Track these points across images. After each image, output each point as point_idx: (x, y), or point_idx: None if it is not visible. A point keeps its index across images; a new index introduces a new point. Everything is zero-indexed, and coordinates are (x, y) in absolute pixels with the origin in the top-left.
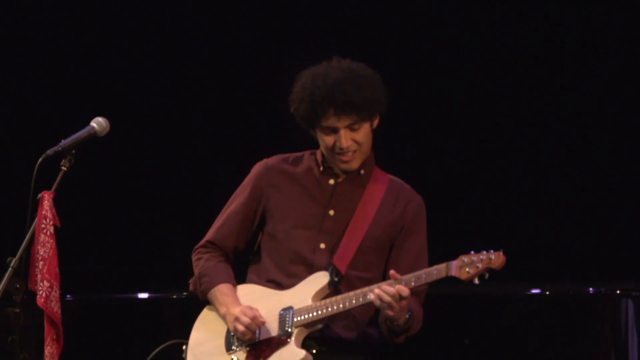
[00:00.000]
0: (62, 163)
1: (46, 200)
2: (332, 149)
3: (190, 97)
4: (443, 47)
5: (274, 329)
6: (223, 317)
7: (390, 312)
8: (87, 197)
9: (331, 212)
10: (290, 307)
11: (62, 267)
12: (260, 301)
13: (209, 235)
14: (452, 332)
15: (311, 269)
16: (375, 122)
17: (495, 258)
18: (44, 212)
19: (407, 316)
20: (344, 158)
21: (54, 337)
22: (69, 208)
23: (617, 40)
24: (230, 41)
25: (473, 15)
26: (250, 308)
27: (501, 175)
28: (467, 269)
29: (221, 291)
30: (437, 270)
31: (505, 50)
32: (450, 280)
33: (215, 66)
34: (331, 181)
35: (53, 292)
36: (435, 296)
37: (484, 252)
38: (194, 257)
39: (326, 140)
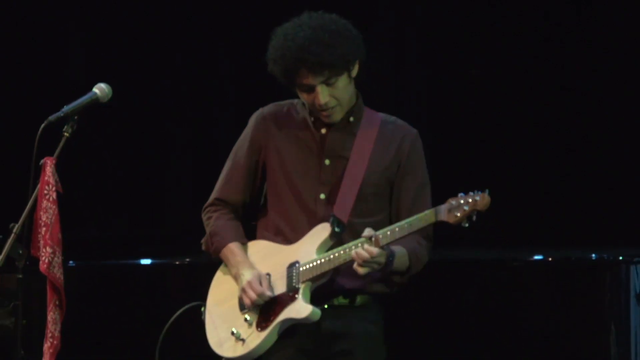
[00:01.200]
0: (64, 129)
1: (48, 166)
2: (313, 106)
3: (190, 58)
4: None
5: (282, 286)
6: (235, 278)
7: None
8: (89, 163)
9: (327, 162)
10: (296, 262)
11: (65, 233)
12: (268, 258)
13: (216, 192)
14: (452, 298)
15: (314, 220)
16: (355, 71)
17: (480, 199)
18: (46, 179)
19: (389, 262)
20: (325, 114)
21: (57, 303)
22: (72, 174)
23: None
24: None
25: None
26: (260, 279)
27: (505, 140)
28: (455, 213)
29: (231, 251)
30: (425, 217)
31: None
32: (452, 245)
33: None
34: (323, 130)
35: (55, 258)
36: (436, 262)
37: (470, 193)
38: (204, 217)
39: (305, 97)
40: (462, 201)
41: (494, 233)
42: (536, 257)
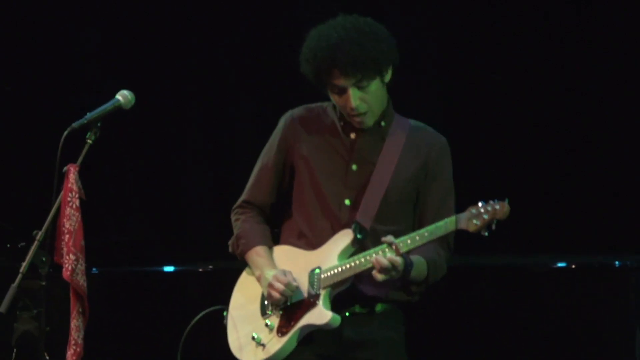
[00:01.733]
0: (87, 136)
1: (72, 173)
2: (344, 109)
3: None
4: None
5: (304, 291)
6: (258, 280)
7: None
8: (113, 169)
9: (354, 167)
10: (318, 268)
11: (88, 240)
12: (291, 262)
13: (245, 194)
14: (476, 304)
15: (337, 224)
16: (388, 76)
17: (500, 208)
18: (69, 186)
19: (406, 270)
20: (357, 119)
21: (80, 310)
22: (94, 180)
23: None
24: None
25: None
26: (284, 273)
27: (526, 146)
28: (474, 221)
29: (257, 253)
30: (446, 225)
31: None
32: (475, 251)
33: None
34: (352, 135)
35: (79, 265)
36: (460, 268)
37: (490, 202)
38: (232, 218)
39: (337, 100)
40: (482, 210)
41: (514, 239)
42: (559, 264)
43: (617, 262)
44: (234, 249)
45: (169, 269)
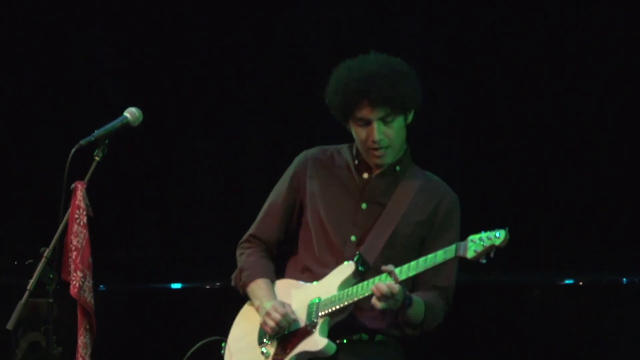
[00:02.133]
0: (95, 153)
1: (79, 190)
2: (365, 143)
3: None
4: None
5: (302, 321)
6: (257, 311)
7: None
8: (120, 186)
9: (363, 206)
10: (318, 298)
11: (95, 257)
12: (293, 294)
13: (252, 229)
14: (483, 322)
15: (341, 259)
16: (410, 118)
17: (499, 236)
18: (77, 203)
19: (404, 302)
20: (377, 153)
21: (87, 327)
22: (103, 198)
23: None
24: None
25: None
26: (282, 304)
27: (529, 163)
28: (473, 249)
29: (258, 285)
30: (445, 252)
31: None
32: (479, 269)
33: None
34: (365, 175)
35: (86, 282)
36: (466, 285)
37: (490, 232)
38: (237, 252)
39: (359, 132)
40: (481, 238)
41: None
42: (567, 282)
43: (624, 280)
44: (236, 282)
45: (176, 285)
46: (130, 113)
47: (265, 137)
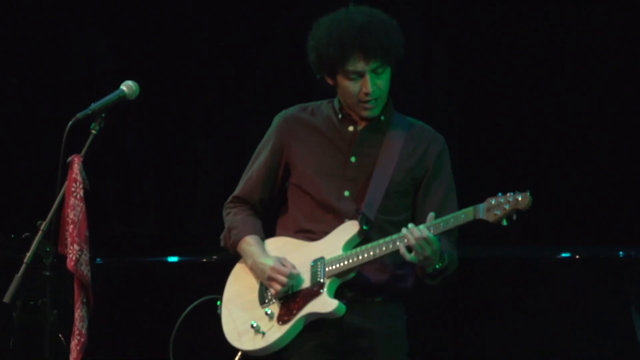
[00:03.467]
0: (92, 127)
1: (76, 164)
2: (356, 96)
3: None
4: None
5: (306, 280)
6: (251, 269)
7: (419, 258)
8: (117, 160)
9: (353, 159)
10: (322, 258)
11: (92, 231)
12: (291, 253)
13: (236, 191)
14: (479, 295)
15: (338, 217)
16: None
17: (522, 199)
18: (73, 176)
19: (440, 263)
20: (367, 106)
21: (84, 300)
22: (100, 171)
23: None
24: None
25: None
26: (282, 263)
27: (529, 138)
28: (495, 212)
29: (247, 242)
30: (465, 214)
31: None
32: (478, 242)
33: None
34: (350, 128)
35: (83, 256)
36: (462, 259)
37: (510, 194)
38: (224, 213)
39: (350, 86)
40: (501, 200)
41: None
42: (563, 255)
43: (621, 253)
44: (225, 242)
45: (172, 259)
46: (127, 86)
47: (265, 115)
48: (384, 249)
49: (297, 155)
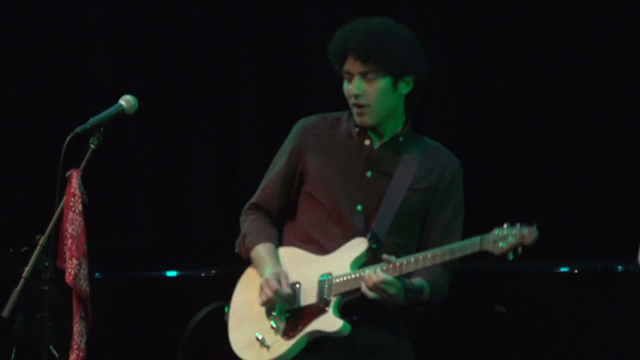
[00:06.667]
0: (90, 141)
1: (74, 178)
2: (348, 97)
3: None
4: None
5: (312, 296)
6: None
7: (383, 297)
8: (116, 174)
9: (368, 174)
10: (329, 274)
11: (91, 245)
12: (300, 266)
13: (254, 197)
14: (479, 310)
15: (348, 230)
16: (406, 87)
17: (528, 234)
18: (72, 190)
19: (405, 296)
20: (356, 110)
21: (83, 314)
22: (98, 186)
23: None
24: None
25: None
26: (278, 277)
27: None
28: (500, 244)
29: (259, 251)
30: (472, 244)
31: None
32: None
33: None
34: (367, 142)
35: (81, 270)
36: (464, 272)
37: (518, 226)
38: (241, 219)
39: (345, 87)
40: (506, 232)
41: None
42: (562, 269)
43: (619, 267)
44: (239, 247)
45: (171, 273)
46: (126, 101)
47: (262, 124)
48: (390, 272)
49: (313, 164)
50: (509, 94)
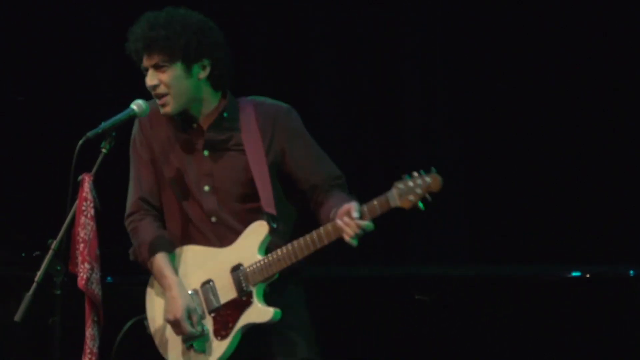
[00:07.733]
0: (102, 145)
1: (86, 182)
2: (151, 92)
3: None
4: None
5: (231, 291)
6: (169, 289)
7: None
8: (127, 178)
9: (205, 153)
10: (240, 265)
11: (103, 249)
12: (205, 264)
13: (134, 194)
14: (489, 316)
15: (201, 212)
16: (202, 72)
17: (432, 181)
18: (84, 195)
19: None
20: (158, 100)
21: (95, 319)
22: (110, 190)
23: None
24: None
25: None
26: (188, 316)
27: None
28: (408, 197)
29: (158, 265)
30: (379, 204)
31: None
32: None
33: None
34: (194, 125)
35: (94, 274)
36: (471, 278)
37: (416, 175)
38: (128, 226)
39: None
40: (411, 184)
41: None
42: (574, 274)
43: (631, 272)
44: (135, 256)
45: None
46: (137, 105)
47: None
48: (304, 252)
49: (154, 157)
50: (512, 95)
